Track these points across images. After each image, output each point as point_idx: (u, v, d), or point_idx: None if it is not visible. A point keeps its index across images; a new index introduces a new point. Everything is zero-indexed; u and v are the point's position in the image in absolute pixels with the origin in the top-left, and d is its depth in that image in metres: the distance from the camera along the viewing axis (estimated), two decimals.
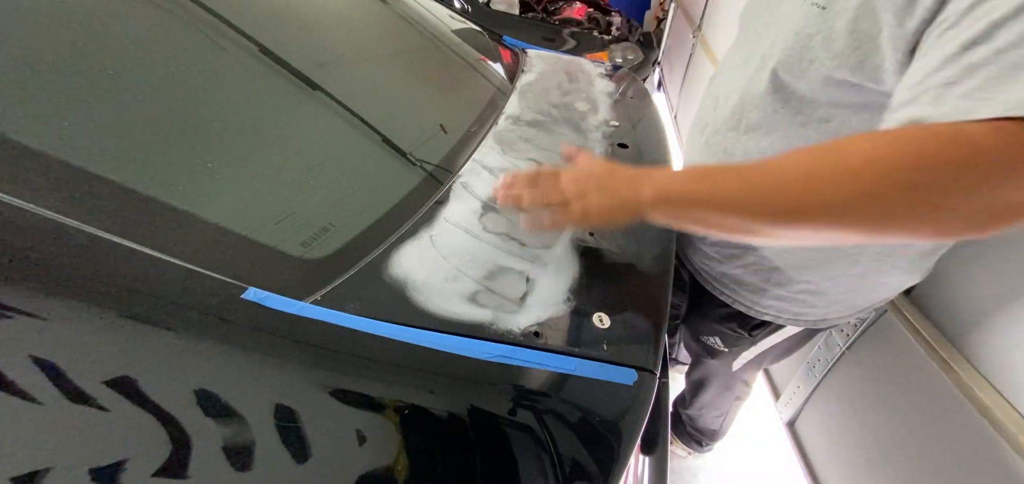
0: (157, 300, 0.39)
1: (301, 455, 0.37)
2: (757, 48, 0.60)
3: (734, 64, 0.66)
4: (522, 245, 0.58)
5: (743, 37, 0.67)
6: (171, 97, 0.52)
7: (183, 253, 0.42)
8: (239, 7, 0.67)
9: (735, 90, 0.62)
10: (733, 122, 0.61)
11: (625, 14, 3.05)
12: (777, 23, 0.57)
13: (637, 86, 1.18)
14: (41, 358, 0.33)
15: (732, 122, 0.62)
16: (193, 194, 0.47)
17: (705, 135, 0.68)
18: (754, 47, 0.61)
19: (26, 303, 0.34)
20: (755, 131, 0.59)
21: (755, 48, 0.60)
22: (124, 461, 0.33)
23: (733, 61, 0.67)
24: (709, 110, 0.68)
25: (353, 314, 0.45)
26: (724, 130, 0.63)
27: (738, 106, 0.61)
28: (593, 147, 0.84)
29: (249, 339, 0.40)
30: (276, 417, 0.37)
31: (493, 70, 1.08)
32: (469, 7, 2.61)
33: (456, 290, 0.50)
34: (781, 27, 0.55)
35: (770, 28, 0.58)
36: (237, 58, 0.61)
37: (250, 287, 0.43)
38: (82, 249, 0.38)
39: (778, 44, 0.54)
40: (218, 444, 0.35)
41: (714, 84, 0.71)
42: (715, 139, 0.65)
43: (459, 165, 0.71)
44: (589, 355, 0.47)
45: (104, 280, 0.38)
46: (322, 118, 0.65)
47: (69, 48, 0.47)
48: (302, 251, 0.50)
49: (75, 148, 0.42)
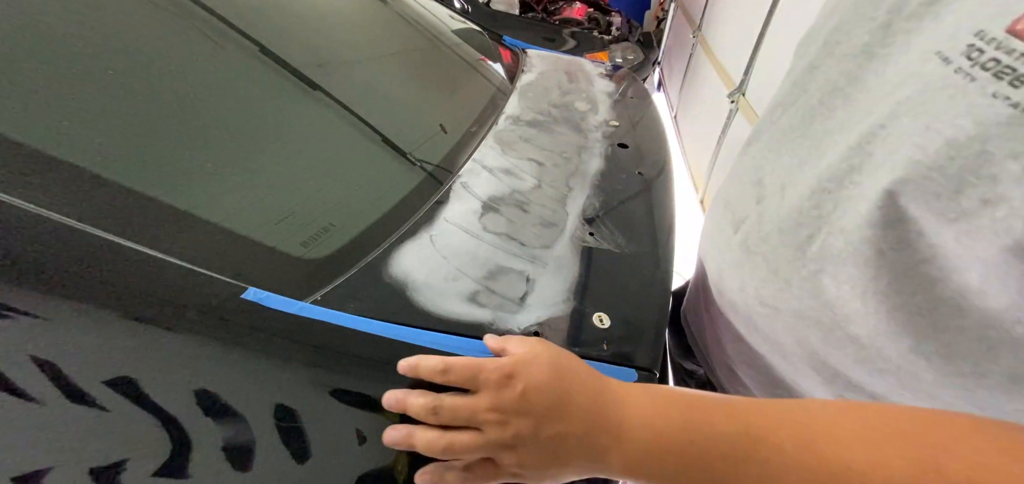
0: (157, 300, 0.39)
1: (301, 455, 0.37)
2: (845, 121, 0.35)
3: (794, 135, 0.41)
4: (522, 245, 0.58)
5: (810, 89, 0.40)
6: (171, 97, 0.52)
7: (183, 253, 0.42)
8: (239, 7, 0.67)
9: (799, 185, 0.38)
10: (795, 238, 0.38)
11: (625, 14, 3.05)
12: (891, 87, 0.31)
13: (637, 86, 1.18)
14: (41, 358, 0.33)
15: (793, 236, 0.38)
16: (193, 194, 0.47)
17: (744, 235, 0.45)
18: (839, 118, 0.36)
19: (26, 303, 0.34)
20: (837, 280, 0.34)
21: (840, 121, 0.36)
22: (124, 461, 0.33)
23: (791, 127, 0.41)
24: (749, 198, 0.45)
25: (353, 314, 0.45)
26: (778, 243, 0.40)
27: (807, 213, 0.37)
28: (593, 147, 0.84)
29: (249, 339, 0.40)
30: (276, 417, 0.37)
31: (493, 70, 1.08)
32: (469, 7, 2.61)
33: (456, 290, 0.50)
34: (903, 102, 0.30)
35: (874, 93, 0.33)
36: (237, 58, 0.61)
37: (250, 287, 0.43)
38: (82, 249, 0.38)
39: (901, 140, 0.29)
40: (218, 444, 0.35)
41: (756, 154, 0.46)
42: (763, 250, 0.42)
43: (459, 165, 0.71)
44: (589, 355, 0.47)
45: (104, 280, 0.37)
46: (322, 118, 0.65)
47: (68, 48, 0.47)
48: (302, 251, 0.50)
49: (75, 148, 0.42)
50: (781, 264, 0.39)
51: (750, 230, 0.44)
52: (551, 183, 0.71)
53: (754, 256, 0.43)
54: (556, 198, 0.68)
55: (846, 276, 0.33)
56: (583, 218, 0.65)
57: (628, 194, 0.72)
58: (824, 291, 0.36)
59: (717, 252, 0.50)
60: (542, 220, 0.63)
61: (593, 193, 0.70)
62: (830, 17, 0.40)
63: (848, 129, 0.34)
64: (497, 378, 0.33)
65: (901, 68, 0.31)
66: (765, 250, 0.41)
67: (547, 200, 0.67)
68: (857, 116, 0.34)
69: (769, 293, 0.41)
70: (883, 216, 0.30)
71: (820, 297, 0.36)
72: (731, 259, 0.46)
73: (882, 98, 0.32)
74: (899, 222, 0.29)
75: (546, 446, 0.31)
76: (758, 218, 0.43)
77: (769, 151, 0.44)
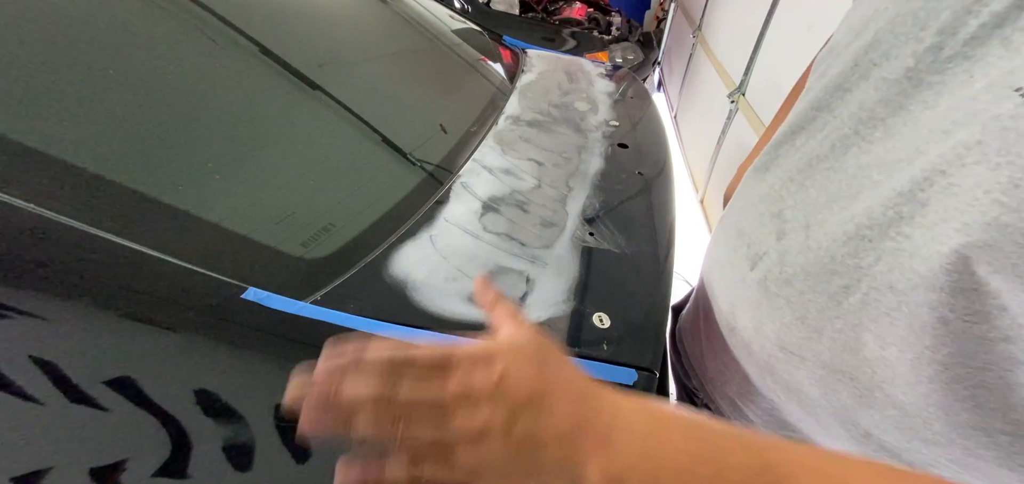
0: (157, 300, 0.39)
1: (301, 455, 0.37)
2: (885, 158, 0.30)
3: (821, 166, 0.35)
4: (522, 245, 0.58)
5: (840, 115, 0.35)
6: (171, 97, 0.52)
7: (183, 253, 0.42)
8: (239, 7, 0.67)
9: (828, 225, 0.34)
10: (828, 286, 0.34)
11: (625, 14, 3.05)
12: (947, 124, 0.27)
13: (637, 86, 1.18)
14: (41, 358, 0.33)
15: (825, 284, 0.34)
16: (193, 194, 0.47)
17: (762, 273, 0.40)
18: (877, 153, 0.31)
19: (26, 303, 0.34)
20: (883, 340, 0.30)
21: (878, 156, 0.31)
22: (124, 461, 0.33)
23: (817, 157, 0.36)
24: (767, 232, 0.40)
25: (353, 314, 0.45)
26: (805, 288, 0.35)
27: (842, 261, 0.32)
28: (593, 147, 0.84)
29: (249, 339, 0.40)
30: (276, 417, 0.37)
31: (493, 70, 1.08)
32: (469, 7, 2.61)
33: (456, 290, 0.50)
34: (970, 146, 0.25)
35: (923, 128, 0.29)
36: (238, 58, 0.61)
37: (250, 287, 0.43)
38: (82, 249, 0.38)
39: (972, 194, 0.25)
40: (218, 444, 0.35)
41: (775, 183, 0.40)
42: (786, 293, 0.37)
43: (459, 165, 0.71)
44: (589, 355, 0.47)
45: (104, 280, 0.37)
46: (322, 118, 0.65)
47: (69, 49, 0.47)
48: (302, 251, 0.50)
49: (75, 148, 0.42)
50: (810, 311, 0.35)
51: (770, 269, 0.39)
52: (551, 183, 0.71)
53: (775, 298, 0.38)
54: (556, 198, 0.68)
55: (894, 337, 0.29)
56: (583, 218, 0.65)
57: (628, 194, 0.72)
58: (864, 347, 0.31)
59: (729, 286, 0.45)
60: (542, 220, 0.63)
61: (593, 193, 0.70)
62: (861, 33, 0.34)
63: (891, 169, 0.30)
64: (472, 359, 0.27)
65: (960, 103, 0.27)
66: (789, 293, 0.37)
67: (547, 200, 0.67)
68: (902, 153, 0.29)
69: (793, 340, 0.37)
70: (951, 282, 0.25)
71: (858, 353, 0.32)
72: (747, 296, 0.42)
73: (935, 136, 0.27)
74: (973, 291, 0.25)
75: (516, 445, 0.25)
76: (779, 257, 0.38)
77: (791, 181, 0.38)
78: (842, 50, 0.36)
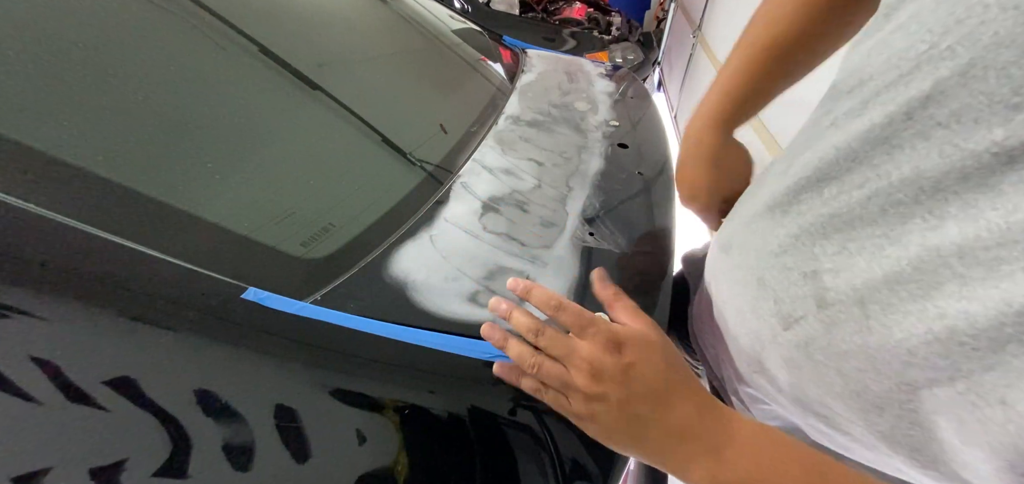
0: (157, 300, 0.39)
1: (301, 455, 0.37)
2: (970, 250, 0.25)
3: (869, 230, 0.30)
4: (522, 245, 0.58)
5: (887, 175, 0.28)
6: (171, 97, 0.52)
7: (183, 253, 0.42)
8: (239, 7, 0.67)
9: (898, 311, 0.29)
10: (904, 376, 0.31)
11: (625, 14, 3.05)
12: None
13: (637, 86, 1.18)
14: (41, 358, 0.33)
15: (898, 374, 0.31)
16: (193, 194, 0.47)
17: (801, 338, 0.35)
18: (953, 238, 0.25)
19: (26, 303, 0.34)
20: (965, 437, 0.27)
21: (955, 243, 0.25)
22: (124, 461, 0.33)
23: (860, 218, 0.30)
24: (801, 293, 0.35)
25: (353, 314, 0.45)
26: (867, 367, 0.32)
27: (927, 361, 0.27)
28: (593, 147, 0.83)
29: (249, 339, 0.40)
30: (276, 417, 0.37)
31: (493, 70, 1.08)
32: (469, 7, 2.61)
33: (456, 290, 0.50)
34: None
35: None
36: (237, 58, 0.61)
37: (250, 287, 0.43)
38: (82, 249, 0.38)
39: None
40: (218, 444, 0.35)
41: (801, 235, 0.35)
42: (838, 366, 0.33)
43: (459, 165, 0.71)
44: None
45: (104, 280, 0.37)
46: (322, 118, 0.65)
47: (68, 48, 0.47)
48: (302, 251, 0.50)
49: (75, 148, 0.42)
50: (870, 389, 0.31)
51: (813, 337, 0.34)
52: (551, 183, 0.71)
53: (822, 367, 0.34)
54: (556, 198, 0.68)
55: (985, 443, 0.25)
56: (583, 218, 0.65)
57: (628, 194, 0.72)
58: (937, 429, 0.27)
59: (754, 337, 0.40)
60: (542, 220, 0.63)
61: (593, 193, 0.70)
62: (909, 78, 0.27)
63: (986, 268, 0.24)
64: (606, 339, 0.34)
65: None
66: (843, 367, 0.32)
67: (547, 200, 0.67)
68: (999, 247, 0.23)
69: (844, 409, 0.34)
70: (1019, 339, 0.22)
71: (929, 431, 0.28)
72: (782, 354, 0.37)
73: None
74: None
75: (626, 419, 0.32)
76: (825, 329, 0.33)
77: (824, 238, 0.33)
78: (883, 90, 0.29)
